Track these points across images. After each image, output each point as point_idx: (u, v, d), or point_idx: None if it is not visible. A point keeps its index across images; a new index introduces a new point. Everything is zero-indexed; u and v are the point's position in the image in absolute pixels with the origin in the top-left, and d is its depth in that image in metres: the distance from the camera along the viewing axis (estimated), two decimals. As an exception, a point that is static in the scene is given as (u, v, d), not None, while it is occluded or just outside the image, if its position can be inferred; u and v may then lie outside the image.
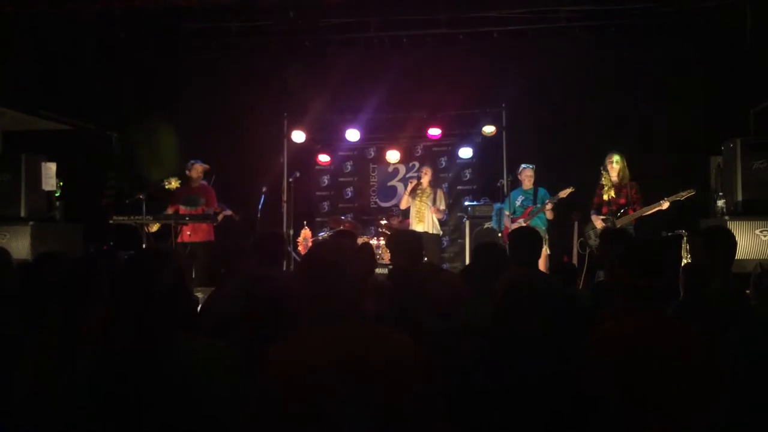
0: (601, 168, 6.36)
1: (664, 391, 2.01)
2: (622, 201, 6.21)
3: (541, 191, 6.95)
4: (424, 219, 7.43)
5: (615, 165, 6.26)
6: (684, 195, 5.95)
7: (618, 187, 6.26)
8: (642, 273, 2.18)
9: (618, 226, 6.11)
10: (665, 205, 5.99)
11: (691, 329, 2.17)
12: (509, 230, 6.89)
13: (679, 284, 3.21)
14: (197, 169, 7.11)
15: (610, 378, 2.03)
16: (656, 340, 2.09)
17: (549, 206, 6.80)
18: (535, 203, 6.91)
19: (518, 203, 7.06)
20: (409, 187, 7.49)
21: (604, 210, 6.32)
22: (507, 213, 7.06)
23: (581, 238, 6.59)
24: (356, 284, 1.82)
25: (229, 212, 7.16)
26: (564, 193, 6.72)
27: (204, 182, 7.20)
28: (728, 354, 2.23)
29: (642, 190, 6.25)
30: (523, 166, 7.08)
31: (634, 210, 6.14)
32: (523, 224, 6.74)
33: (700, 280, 3.07)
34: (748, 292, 3.00)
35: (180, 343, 1.78)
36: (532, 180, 7.02)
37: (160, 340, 1.74)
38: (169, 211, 6.90)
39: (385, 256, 7.92)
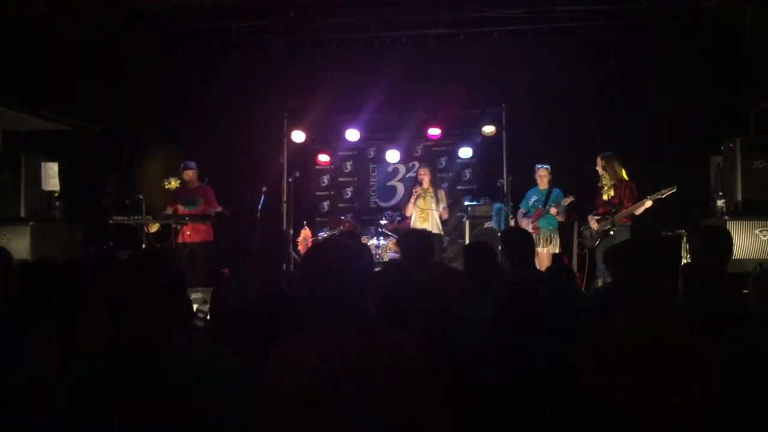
0: (601, 168, 6.36)
1: (664, 390, 2.01)
2: (616, 201, 6.23)
3: (555, 192, 6.93)
4: (429, 218, 7.41)
5: (598, 167, 6.30)
6: (665, 193, 5.94)
7: (614, 188, 6.28)
8: (642, 272, 2.18)
9: (612, 226, 6.11)
10: (648, 203, 5.98)
11: (691, 329, 2.17)
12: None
13: (678, 284, 3.21)
14: (188, 174, 7.08)
15: (610, 378, 2.03)
16: (656, 340, 2.09)
17: (554, 211, 6.80)
18: (545, 204, 6.90)
19: (531, 203, 7.05)
20: (414, 196, 7.46)
21: (600, 210, 6.33)
22: (522, 211, 7.05)
23: (579, 239, 6.59)
24: (358, 284, 1.82)
25: (219, 208, 7.15)
26: (566, 201, 6.73)
27: (201, 183, 7.18)
28: (728, 353, 2.24)
29: (637, 189, 6.24)
30: (537, 166, 7.05)
31: (625, 208, 6.15)
32: (532, 224, 6.80)
33: (697, 279, 3.08)
34: (745, 291, 3.00)
35: (180, 345, 1.78)
36: (546, 180, 6.99)
37: (160, 342, 1.74)
38: (169, 211, 6.89)
39: (384, 255, 7.94)
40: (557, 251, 6.82)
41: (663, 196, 5.94)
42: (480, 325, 2.38)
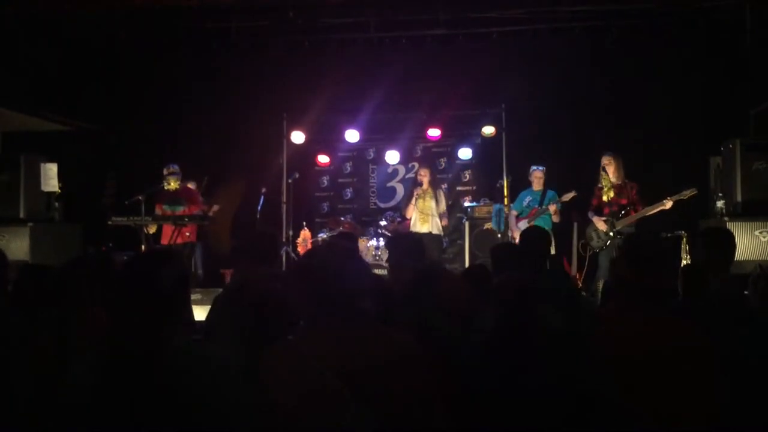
0: (601, 169, 6.35)
1: (665, 390, 2.00)
2: (624, 201, 6.19)
3: (550, 193, 6.91)
4: (429, 220, 7.40)
5: (608, 165, 6.27)
6: (687, 194, 5.91)
7: (618, 188, 6.24)
8: (645, 272, 2.18)
9: (619, 227, 6.10)
10: (668, 204, 5.95)
11: (691, 329, 2.17)
12: (516, 230, 6.91)
13: (678, 284, 3.21)
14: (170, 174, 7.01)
15: (611, 377, 2.03)
16: (657, 340, 2.08)
17: (553, 208, 6.78)
18: (541, 205, 6.89)
19: (525, 203, 7.05)
20: (414, 199, 7.44)
21: (605, 211, 6.29)
22: (514, 213, 7.04)
23: (582, 240, 6.57)
24: (353, 283, 1.82)
25: (215, 208, 7.13)
26: (567, 197, 6.71)
27: (185, 184, 7.06)
28: (729, 354, 2.23)
29: (642, 190, 6.23)
30: (532, 167, 7.05)
31: (636, 210, 6.12)
32: (529, 224, 6.74)
33: (699, 280, 3.07)
34: (746, 292, 3.00)
35: (180, 346, 1.77)
36: (542, 181, 6.99)
37: (160, 343, 1.73)
38: (157, 211, 6.86)
39: (384, 256, 7.92)
40: (552, 252, 6.81)
41: (685, 198, 5.92)
42: (481, 328, 2.37)
